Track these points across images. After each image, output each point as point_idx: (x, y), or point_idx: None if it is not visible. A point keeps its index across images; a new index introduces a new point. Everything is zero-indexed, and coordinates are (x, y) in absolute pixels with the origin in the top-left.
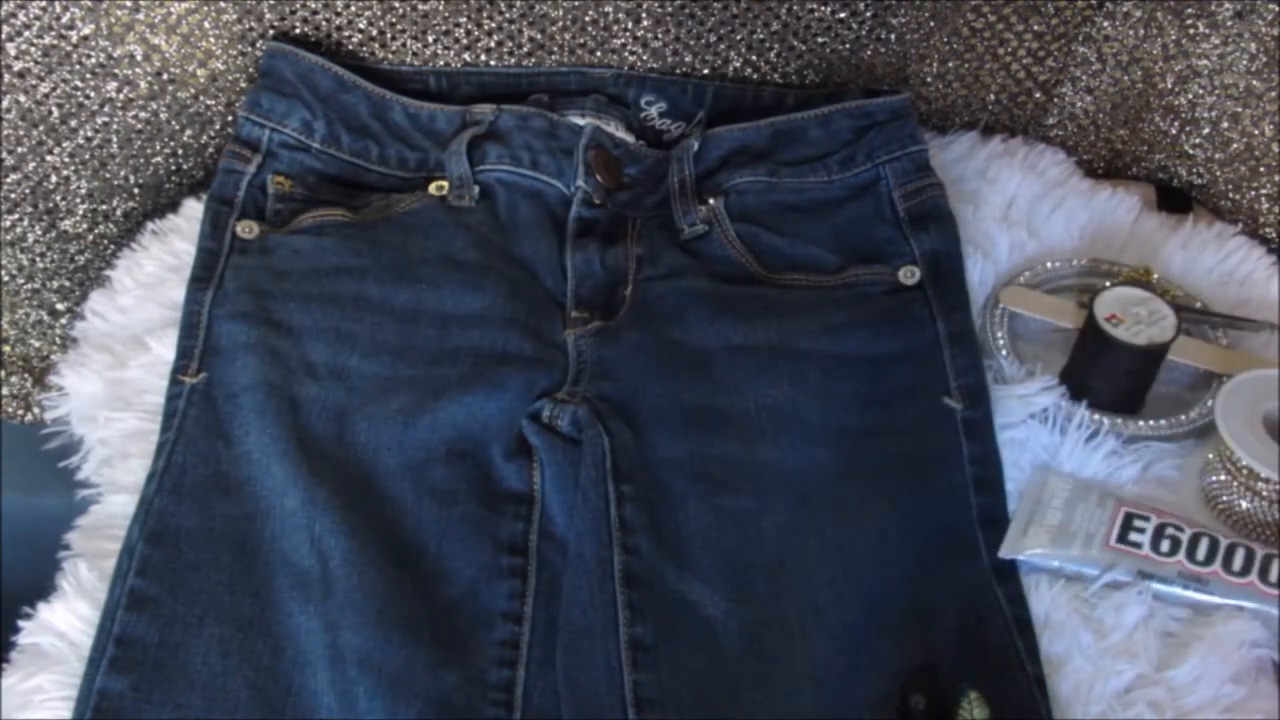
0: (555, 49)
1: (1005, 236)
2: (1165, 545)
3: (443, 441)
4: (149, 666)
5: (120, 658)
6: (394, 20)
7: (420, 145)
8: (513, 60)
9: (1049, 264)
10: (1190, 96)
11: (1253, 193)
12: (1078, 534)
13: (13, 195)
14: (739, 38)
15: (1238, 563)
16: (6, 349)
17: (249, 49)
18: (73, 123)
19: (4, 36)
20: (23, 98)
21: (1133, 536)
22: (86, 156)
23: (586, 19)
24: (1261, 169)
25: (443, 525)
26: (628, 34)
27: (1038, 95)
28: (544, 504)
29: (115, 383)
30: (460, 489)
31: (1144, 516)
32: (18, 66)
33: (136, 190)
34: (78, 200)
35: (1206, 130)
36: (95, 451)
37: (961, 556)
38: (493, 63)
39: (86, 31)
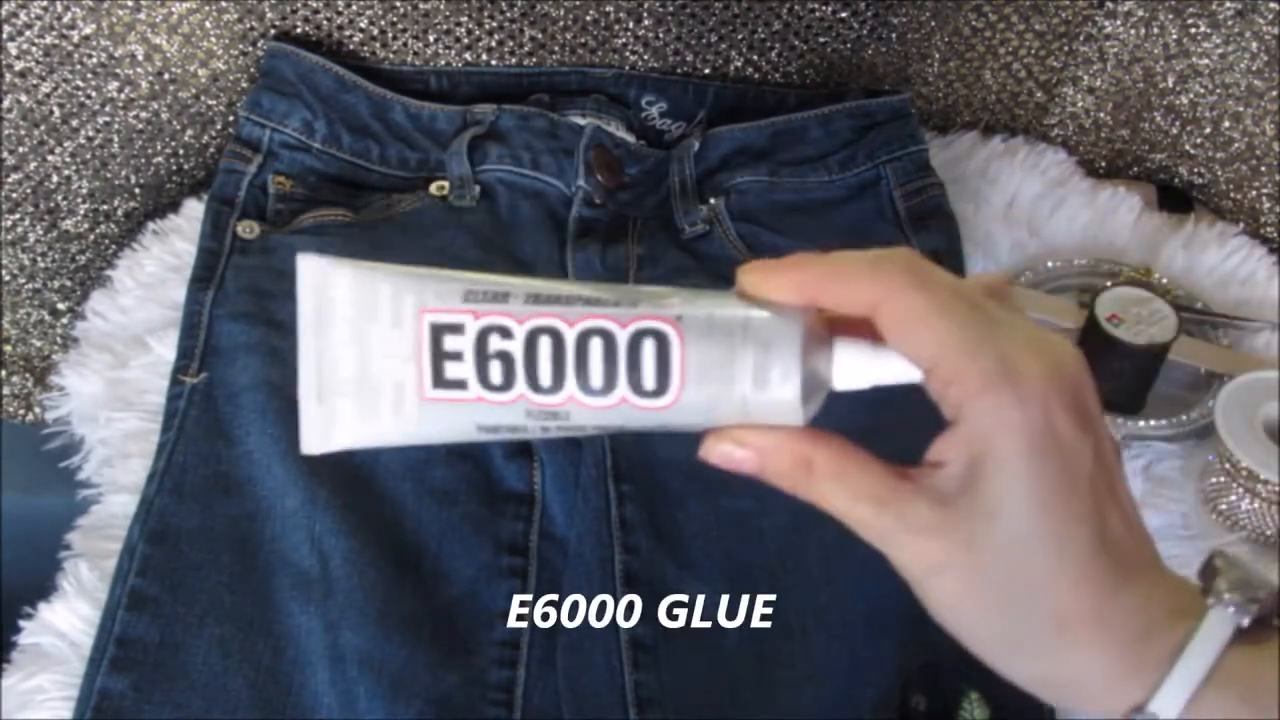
0: (556, 49)
1: (1006, 236)
2: (496, 370)
3: None
4: (149, 666)
5: (121, 658)
6: (395, 20)
7: (421, 145)
8: (514, 60)
9: (1049, 264)
10: (1191, 96)
11: (1253, 192)
12: (382, 387)
13: (14, 195)
14: (740, 38)
15: (596, 369)
16: (7, 349)
17: (250, 49)
18: (74, 122)
19: (5, 36)
20: (24, 97)
21: (452, 370)
22: (88, 156)
23: (587, 19)
24: (1262, 168)
25: (443, 525)
26: (629, 34)
27: (1038, 95)
28: (544, 504)
29: (116, 383)
30: (460, 489)
31: (456, 327)
32: (19, 66)
33: (138, 190)
34: (79, 200)
35: (1207, 130)
36: (96, 451)
37: None
38: (494, 62)
39: (88, 31)
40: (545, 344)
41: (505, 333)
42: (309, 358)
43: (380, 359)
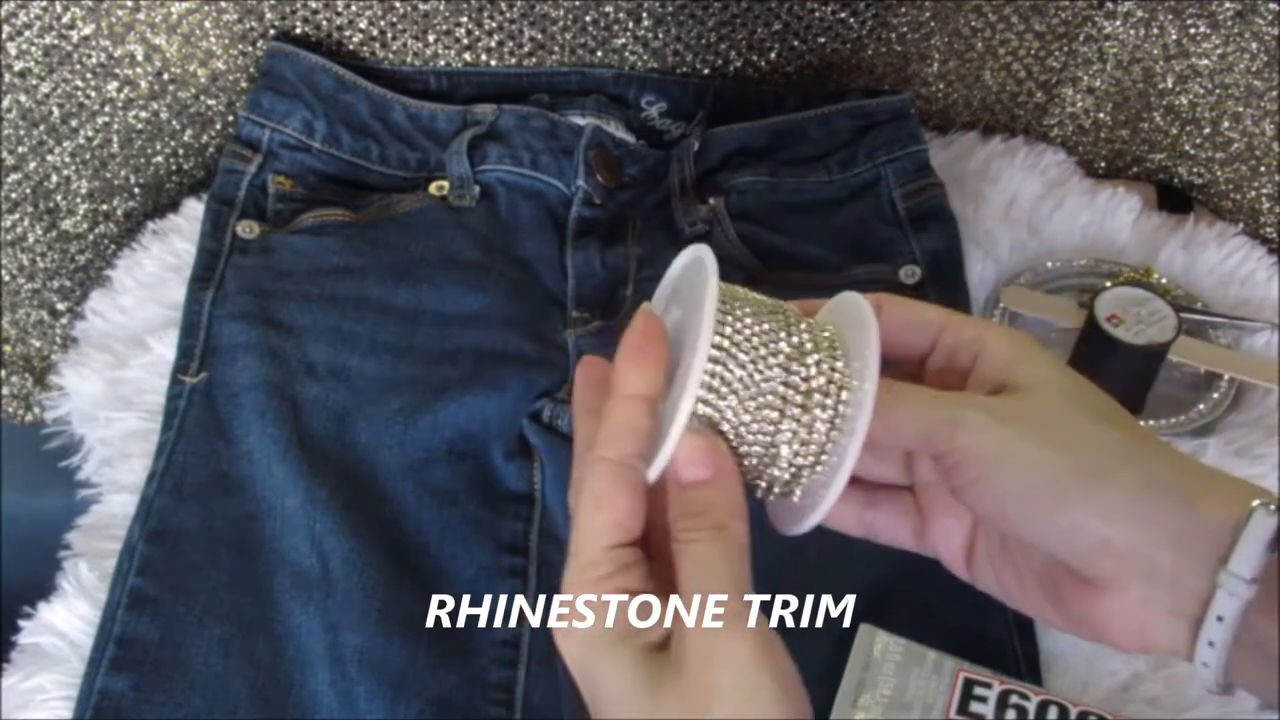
0: (556, 49)
1: (1006, 236)
2: (1011, 715)
3: (443, 441)
4: (149, 666)
5: (121, 657)
6: (395, 20)
7: (421, 145)
8: (513, 60)
9: (1049, 264)
10: (1191, 96)
11: (1253, 192)
12: (914, 704)
13: (13, 195)
14: (739, 38)
15: None
16: (7, 349)
17: (250, 49)
18: (73, 122)
19: (5, 36)
20: (23, 97)
21: (974, 707)
22: (87, 156)
23: (587, 19)
24: (1262, 168)
25: (443, 525)
26: (628, 34)
27: (1038, 95)
28: (544, 504)
29: (116, 382)
30: (461, 489)
31: (985, 684)
32: (18, 66)
33: (137, 190)
34: (78, 200)
35: (1207, 130)
36: (95, 451)
37: None
38: (493, 63)
39: (87, 31)
40: (1053, 712)
41: (1023, 696)
42: (859, 673)
43: (918, 687)
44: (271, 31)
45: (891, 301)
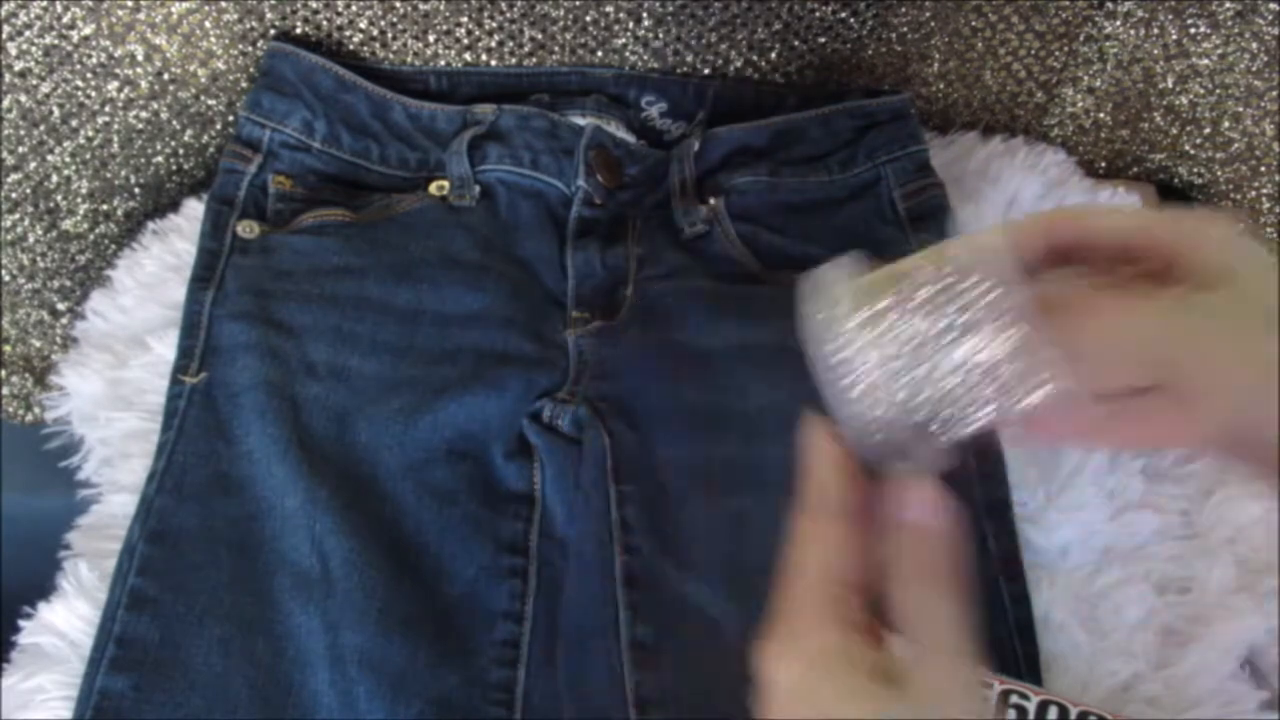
0: (556, 49)
1: None
2: (1011, 715)
3: (443, 441)
4: (149, 666)
5: (121, 657)
6: (395, 20)
7: (421, 145)
8: (514, 60)
9: None
10: (1191, 96)
11: (1253, 192)
12: None
13: (14, 195)
14: (740, 38)
15: None
16: (7, 349)
17: (250, 49)
18: (74, 122)
19: (5, 36)
20: (24, 97)
21: None
22: (87, 156)
23: (587, 19)
24: (1262, 169)
25: (443, 525)
26: (629, 34)
27: (1038, 95)
28: (544, 504)
29: (116, 382)
30: (461, 489)
31: (985, 684)
32: (19, 66)
33: (137, 190)
34: (79, 200)
35: (1207, 130)
36: (96, 451)
37: (967, 549)
38: (493, 63)
39: (87, 31)
40: (1053, 712)
41: (1023, 696)
42: None
43: None
44: (271, 31)
45: (1088, 211)
